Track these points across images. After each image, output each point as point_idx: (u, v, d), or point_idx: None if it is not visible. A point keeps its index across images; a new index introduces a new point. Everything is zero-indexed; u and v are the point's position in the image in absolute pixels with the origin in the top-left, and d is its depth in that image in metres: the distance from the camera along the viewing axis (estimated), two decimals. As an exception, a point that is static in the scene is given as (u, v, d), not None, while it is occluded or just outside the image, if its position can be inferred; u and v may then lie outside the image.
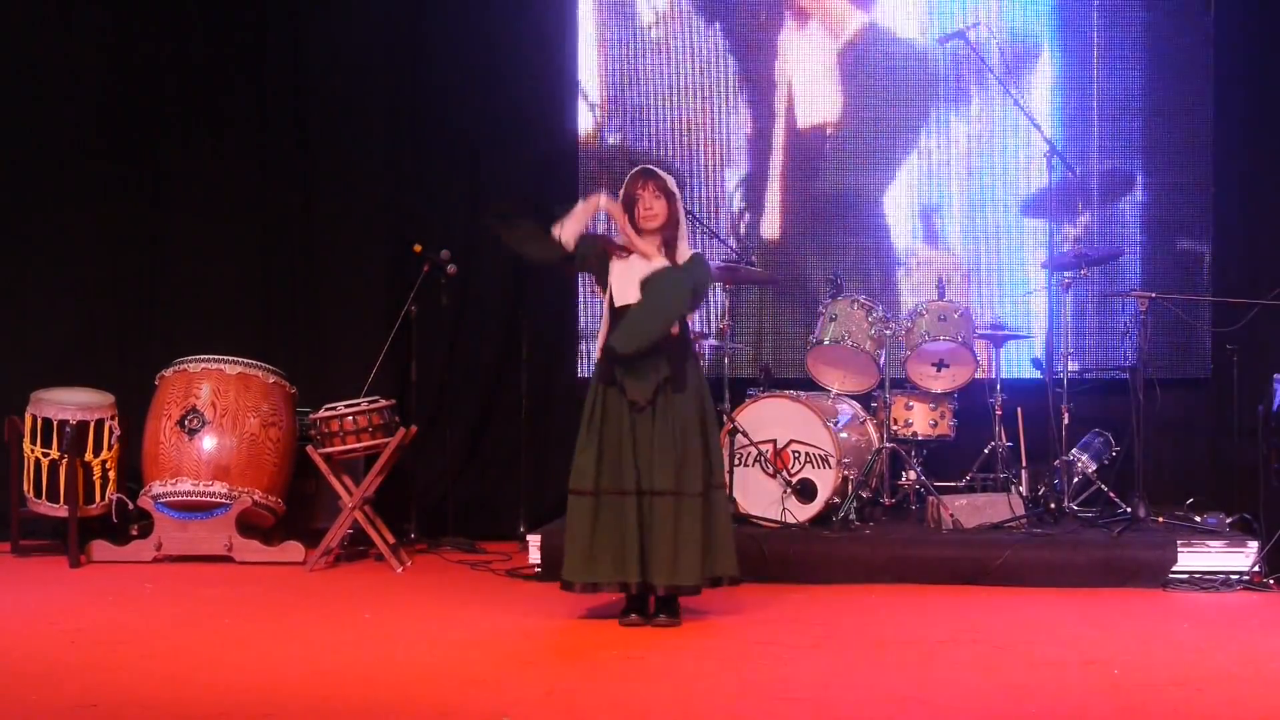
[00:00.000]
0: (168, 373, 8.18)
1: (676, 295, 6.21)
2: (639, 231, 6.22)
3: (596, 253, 6.31)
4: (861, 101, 8.97)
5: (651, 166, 6.37)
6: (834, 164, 8.99)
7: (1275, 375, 7.38)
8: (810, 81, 8.98)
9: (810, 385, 8.21)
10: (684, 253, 6.26)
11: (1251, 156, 8.71)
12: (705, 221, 8.63)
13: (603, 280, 6.32)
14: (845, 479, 7.67)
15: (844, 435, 7.81)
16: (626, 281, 6.21)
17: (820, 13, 8.99)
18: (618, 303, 6.22)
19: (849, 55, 8.97)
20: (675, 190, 6.26)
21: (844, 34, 8.96)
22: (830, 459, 7.64)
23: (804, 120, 9.01)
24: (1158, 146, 8.83)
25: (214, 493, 7.96)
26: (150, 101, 9.04)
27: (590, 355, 8.96)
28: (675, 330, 6.22)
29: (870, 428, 8.19)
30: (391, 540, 7.94)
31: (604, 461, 6.18)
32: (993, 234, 8.93)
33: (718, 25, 9.05)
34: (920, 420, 8.18)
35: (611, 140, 9.08)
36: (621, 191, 6.29)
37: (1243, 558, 7.18)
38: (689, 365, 6.28)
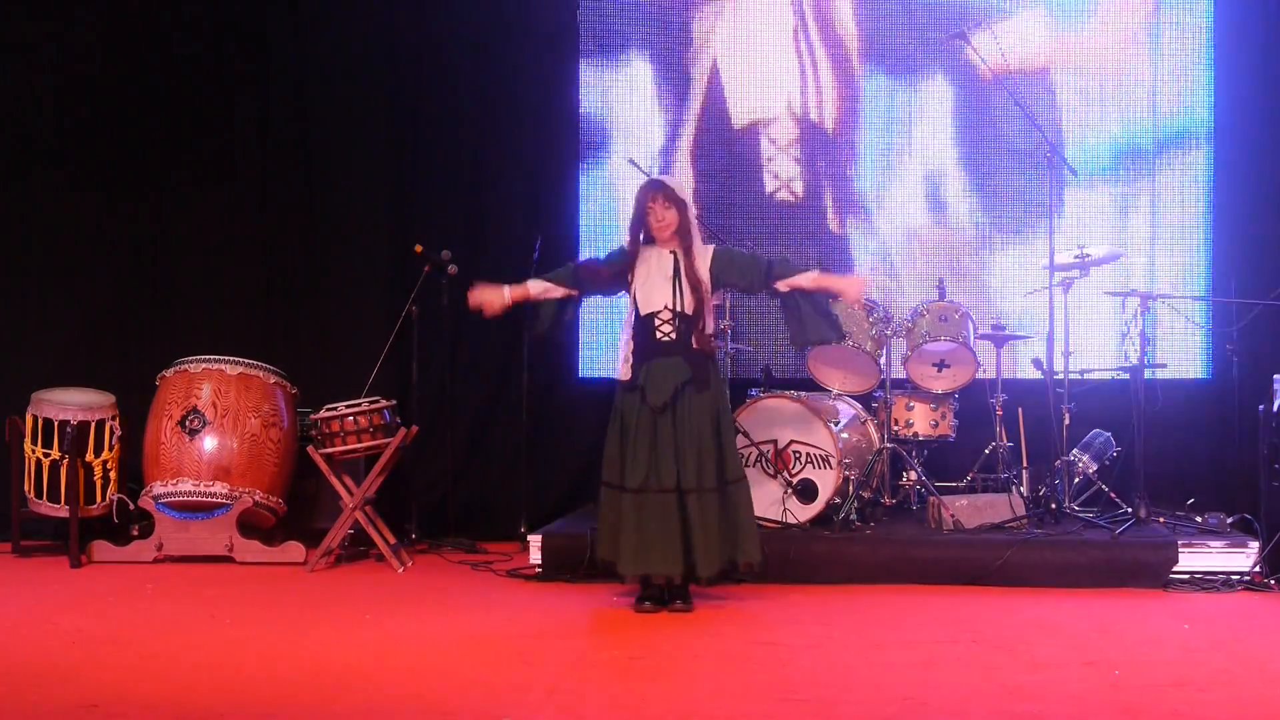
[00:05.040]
0: (168, 373, 8.19)
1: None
2: (653, 241, 6.50)
3: (609, 273, 6.59)
4: (863, 97, 9.00)
5: (659, 178, 6.64)
6: (834, 163, 9.01)
7: (1275, 375, 7.37)
8: (818, 76, 9.00)
9: (811, 385, 8.22)
10: (703, 252, 6.51)
11: (1252, 155, 8.71)
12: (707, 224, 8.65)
13: (622, 288, 6.61)
14: (846, 479, 7.67)
15: (845, 436, 7.80)
16: (651, 289, 6.46)
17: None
18: (643, 311, 6.48)
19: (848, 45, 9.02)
20: (684, 197, 6.51)
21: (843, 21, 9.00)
22: (831, 459, 7.64)
23: (812, 115, 9.03)
24: (1159, 145, 8.86)
25: (215, 493, 7.96)
26: (151, 102, 9.05)
27: (591, 356, 9.02)
28: (711, 335, 6.55)
29: (871, 428, 8.19)
30: (392, 540, 7.94)
31: (628, 461, 6.44)
32: (994, 234, 8.95)
33: (717, 23, 9.08)
34: (921, 420, 8.19)
35: (612, 141, 9.10)
36: (634, 205, 6.54)
37: (1243, 558, 7.18)
38: (710, 366, 6.54)
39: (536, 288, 6.63)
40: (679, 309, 6.42)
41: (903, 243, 9.00)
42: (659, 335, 6.45)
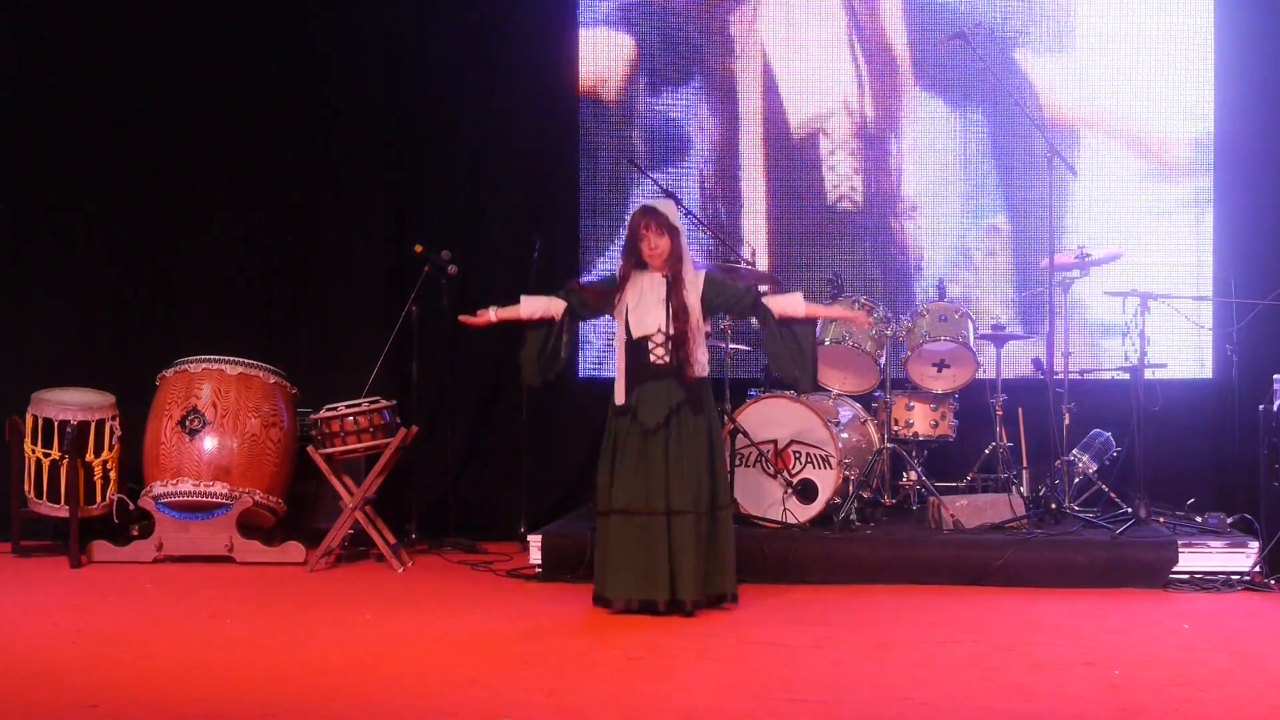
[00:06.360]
0: (168, 373, 8.19)
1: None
2: (645, 266, 6.45)
3: (596, 296, 6.62)
4: (863, 95, 9.01)
5: (652, 204, 6.60)
6: (832, 160, 9.01)
7: (1275, 375, 7.37)
8: (818, 73, 9.01)
9: (811, 386, 8.20)
10: (694, 280, 6.48)
11: (1253, 155, 8.71)
12: (706, 224, 8.66)
13: (606, 311, 6.61)
14: (846, 479, 7.67)
15: (845, 436, 7.80)
16: (644, 312, 6.43)
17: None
18: (635, 334, 6.45)
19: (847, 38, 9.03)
20: (677, 224, 6.50)
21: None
22: (831, 459, 7.64)
23: (813, 110, 9.03)
24: (1161, 145, 8.87)
25: (215, 493, 7.96)
26: (151, 102, 9.05)
27: (590, 356, 9.01)
28: (702, 361, 6.51)
29: (871, 428, 8.19)
30: (392, 540, 7.94)
31: (620, 484, 6.42)
32: (994, 234, 8.95)
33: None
34: (921, 420, 8.18)
35: (611, 142, 9.09)
36: (627, 229, 6.52)
37: (1243, 558, 7.18)
38: (703, 389, 6.53)
39: (528, 308, 6.59)
40: (671, 333, 6.40)
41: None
42: (652, 359, 6.43)
